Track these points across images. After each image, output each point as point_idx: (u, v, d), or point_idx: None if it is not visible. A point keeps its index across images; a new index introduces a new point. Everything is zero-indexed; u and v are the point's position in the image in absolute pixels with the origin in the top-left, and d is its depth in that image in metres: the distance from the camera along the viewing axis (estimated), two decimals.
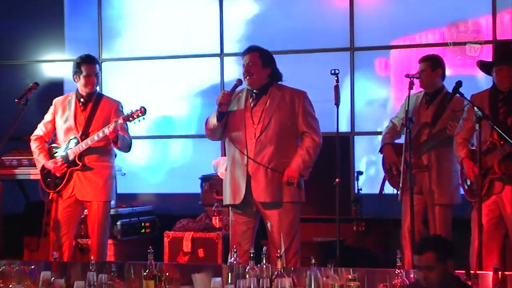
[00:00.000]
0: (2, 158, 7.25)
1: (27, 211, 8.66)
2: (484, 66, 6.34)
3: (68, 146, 6.95)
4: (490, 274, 4.92)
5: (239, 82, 6.35)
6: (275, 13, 9.04)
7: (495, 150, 6.05)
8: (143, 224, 8.38)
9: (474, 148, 6.21)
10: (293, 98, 6.33)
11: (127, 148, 6.98)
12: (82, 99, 7.02)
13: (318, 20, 8.83)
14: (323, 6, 8.86)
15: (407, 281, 4.98)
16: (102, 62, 9.45)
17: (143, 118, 6.78)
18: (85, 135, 6.90)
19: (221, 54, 9.16)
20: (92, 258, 5.85)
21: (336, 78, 6.63)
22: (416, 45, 8.53)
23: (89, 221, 7.02)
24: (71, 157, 6.91)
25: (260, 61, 6.33)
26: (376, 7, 8.69)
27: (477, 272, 5.09)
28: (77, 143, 6.89)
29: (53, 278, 5.53)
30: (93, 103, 7.01)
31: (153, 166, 9.50)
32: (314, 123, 6.35)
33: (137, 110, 6.73)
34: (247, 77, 6.32)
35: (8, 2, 9.67)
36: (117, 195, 8.58)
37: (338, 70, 6.66)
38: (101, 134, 6.77)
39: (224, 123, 6.34)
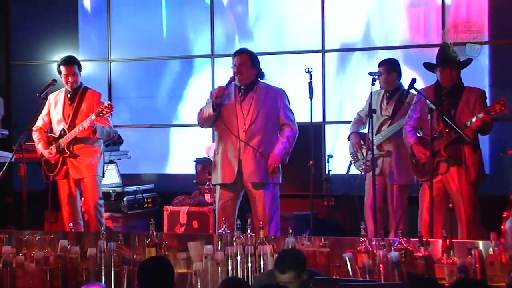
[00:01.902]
0: (26, 144, 7.19)
1: (47, 189, 8.62)
2: (429, 66, 6.32)
3: (60, 136, 6.92)
4: (440, 241, 4.96)
5: (232, 79, 6.35)
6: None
7: (442, 136, 6.09)
8: (146, 200, 8.38)
9: (421, 135, 6.23)
10: (275, 95, 6.38)
11: (106, 137, 6.88)
12: (69, 95, 6.95)
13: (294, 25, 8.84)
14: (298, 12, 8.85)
15: (370, 248, 5.02)
16: (110, 62, 9.44)
17: (110, 114, 6.68)
18: (72, 126, 6.83)
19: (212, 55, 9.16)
20: (102, 228, 5.88)
21: (309, 76, 6.66)
22: (399, 46, 8.46)
23: (84, 195, 6.96)
24: (61, 146, 6.88)
25: (249, 62, 6.35)
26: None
27: (429, 240, 5.15)
28: (65, 134, 6.86)
29: (69, 246, 5.57)
30: (79, 97, 6.92)
31: (155, 150, 9.48)
32: (292, 116, 6.41)
33: (105, 107, 6.62)
34: (238, 76, 6.33)
35: (28, 10, 9.62)
36: (124, 175, 8.59)
37: (312, 69, 6.69)
38: (80, 128, 6.71)
39: (217, 113, 6.35)
